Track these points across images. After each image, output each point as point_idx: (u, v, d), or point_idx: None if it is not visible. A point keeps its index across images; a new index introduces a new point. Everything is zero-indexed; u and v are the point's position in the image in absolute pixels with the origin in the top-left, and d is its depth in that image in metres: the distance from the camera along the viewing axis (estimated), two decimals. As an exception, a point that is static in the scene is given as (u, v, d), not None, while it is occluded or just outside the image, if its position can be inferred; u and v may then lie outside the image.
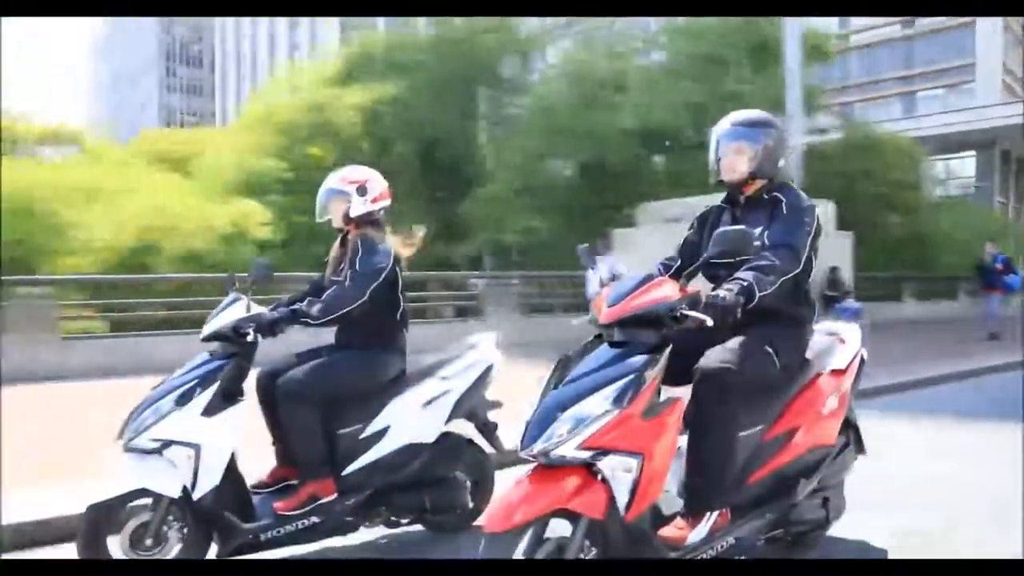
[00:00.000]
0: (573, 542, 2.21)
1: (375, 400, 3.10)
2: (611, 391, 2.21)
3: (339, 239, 3.35)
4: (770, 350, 2.57)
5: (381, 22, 36.66)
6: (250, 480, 3.05)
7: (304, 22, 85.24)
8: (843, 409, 2.88)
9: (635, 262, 6.48)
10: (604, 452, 2.18)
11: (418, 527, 3.37)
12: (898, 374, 7.78)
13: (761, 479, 2.63)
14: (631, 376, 2.23)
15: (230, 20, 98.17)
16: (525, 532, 2.16)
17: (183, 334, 8.46)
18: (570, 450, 2.16)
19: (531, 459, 2.25)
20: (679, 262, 2.88)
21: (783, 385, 2.69)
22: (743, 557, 2.59)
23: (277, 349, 3.20)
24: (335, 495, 2.99)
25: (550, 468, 2.22)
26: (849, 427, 3.01)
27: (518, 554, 2.16)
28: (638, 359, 2.28)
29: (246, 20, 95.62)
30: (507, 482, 2.38)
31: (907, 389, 7.48)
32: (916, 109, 41.61)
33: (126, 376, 6.78)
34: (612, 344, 2.36)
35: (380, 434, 3.08)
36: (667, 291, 2.35)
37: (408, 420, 3.11)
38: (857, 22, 42.72)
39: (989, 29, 39.43)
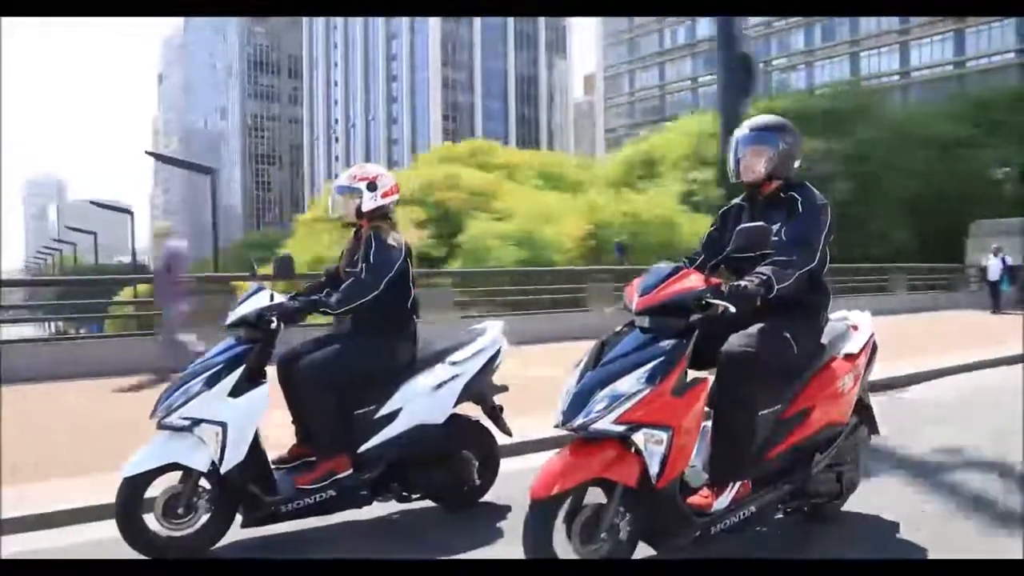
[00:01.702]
0: (609, 508, 2.43)
1: (388, 383, 3.27)
2: (644, 371, 2.41)
3: (352, 233, 3.53)
4: (788, 336, 2.76)
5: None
6: (271, 457, 3.24)
7: (403, 31, 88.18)
8: (856, 390, 3.05)
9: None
10: (638, 426, 2.39)
11: (428, 503, 3.53)
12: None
13: (780, 454, 2.81)
14: (662, 358, 2.44)
15: (317, 28, 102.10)
16: (565, 499, 2.39)
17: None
18: (607, 424, 2.38)
19: (571, 432, 2.47)
20: (703, 255, 3.07)
21: (800, 368, 2.86)
22: (763, 528, 2.81)
23: (293, 335, 3.49)
24: (351, 471, 3.18)
25: (588, 441, 2.44)
26: (863, 408, 3.20)
27: (559, 520, 2.39)
28: (668, 343, 2.48)
29: (334, 27, 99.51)
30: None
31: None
32: None
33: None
34: (643, 330, 2.55)
35: (393, 415, 3.24)
36: (693, 282, 2.55)
37: (419, 402, 3.27)
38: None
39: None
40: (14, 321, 12.69)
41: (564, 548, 2.41)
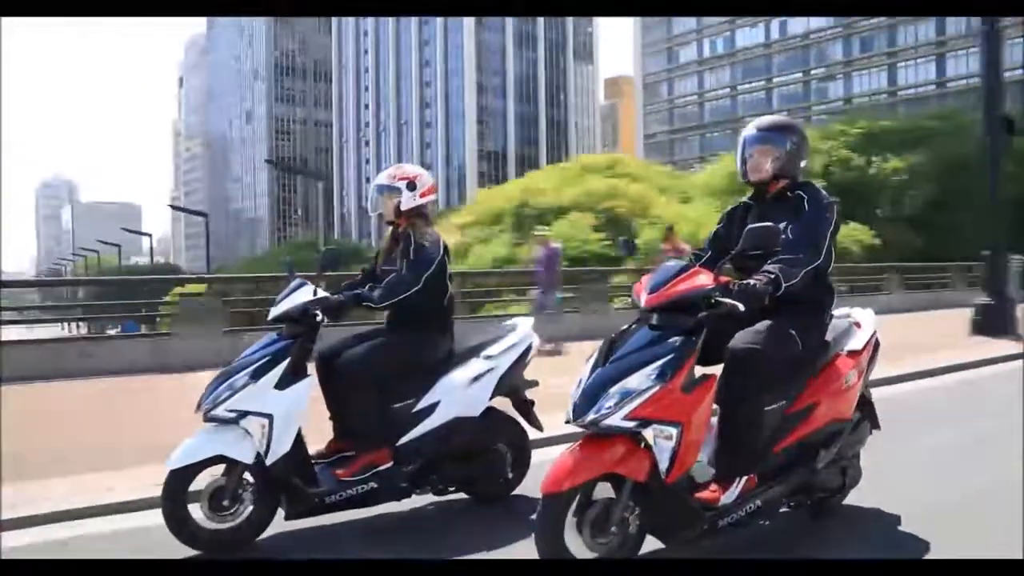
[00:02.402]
0: (619, 503, 2.46)
1: (426, 377, 3.33)
2: (654, 368, 2.43)
3: (390, 231, 3.61)
4: (793, 332, 2.76)
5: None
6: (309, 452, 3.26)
7: (436, 37, 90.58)
8: (859, 386, 3.06)
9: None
10: (648, 422, 2.42)
11: (461, 495, 3.58)
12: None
13: (785, 449, 2.81)
14: (672, 355, 2.46)
15: (347, 34, 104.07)
16: (576, 494, 2.42)
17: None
18: (618, 420, 2.40)
19: (582, 429, 2.49)
20: (709, 253, 3.08)
21: (805, 364, 2.86)
22: (767, 522, 2.83)
23: (327, 333, 3.43)
24: (390, 463, 3.23)
25: (598, 437, 2.47)
26: (865, 404, 3.20)
27: (570, 514, 2.42)
28: (678, 340, 2.50)
29: (364, 33, 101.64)
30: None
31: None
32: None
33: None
34: (652, 327, 2.57)
35: (431, 408, 3.29)
36: (703, 280, 2.59)
37: (456, 396, 3.32)
38: None
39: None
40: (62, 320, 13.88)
41: (575, 543, 2.45)
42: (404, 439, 3.26)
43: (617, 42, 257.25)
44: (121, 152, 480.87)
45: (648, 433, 2.46)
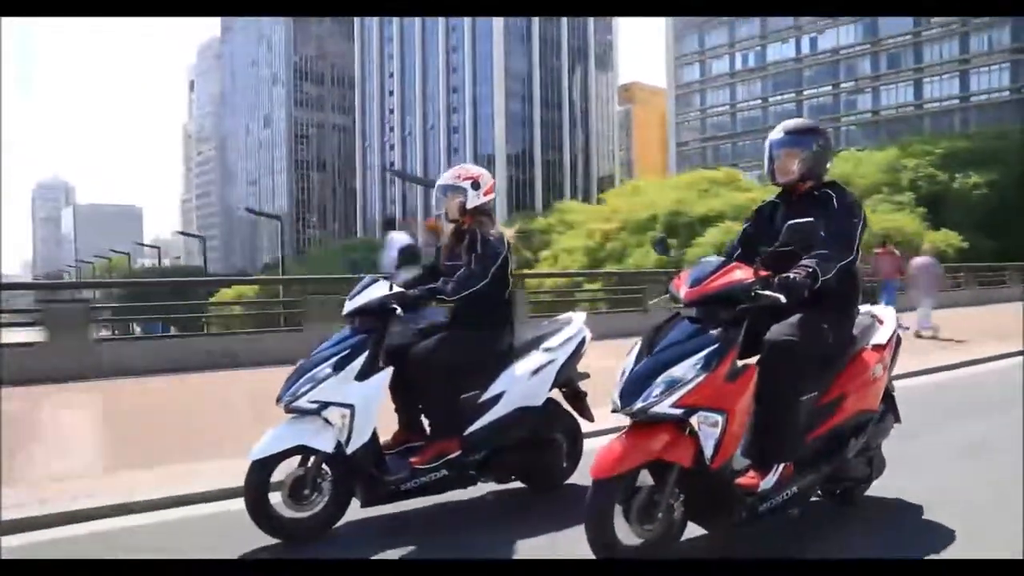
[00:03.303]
0: (664, 489, 2.59)
1: (491, 369, 3.48)
2: (700, 358, 2.58)
3: (453, 230, 3.72)
4: (825, 326, 2.90)
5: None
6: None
7: (464, 45, 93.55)
8: (885, 379, 3.22)
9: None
10: (694, 409, 2.56)
11: (518, 484, 3.72)
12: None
13: (818, 438, 2.96)
14: (716, 345, 2.60)
15: (372, 39, 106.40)
16: (625, 480, 2.55)
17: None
18: (665, 407, 2.54)
19: (630, 417, 2.62)
20: (739, 250, 3.23)
21: (835, 357, 3.01)
22: (796, 511, 2.91)
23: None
24: (459, 452, 3.37)
25: (643, 425, 2.61)
26: (888, 397, 3.33)
27: (619, 500, 2.57)
28: (721, 331, 2.65)
29: (388, 39, 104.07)
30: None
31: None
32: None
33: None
34: (692, 320, 2.72)
35: (496, 399, 3.45)
36: (742, 274, 2.73)
37: (519, 386, 3.47)
38: None
39: None
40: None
41: (622, 529, 2.56)
42: (471, 428, 3.39)
43: (629, 49, 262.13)
44: (121, 155, 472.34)
45: (694, 420, 2.55)
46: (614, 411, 2.65)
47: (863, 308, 3.30)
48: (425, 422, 3.56)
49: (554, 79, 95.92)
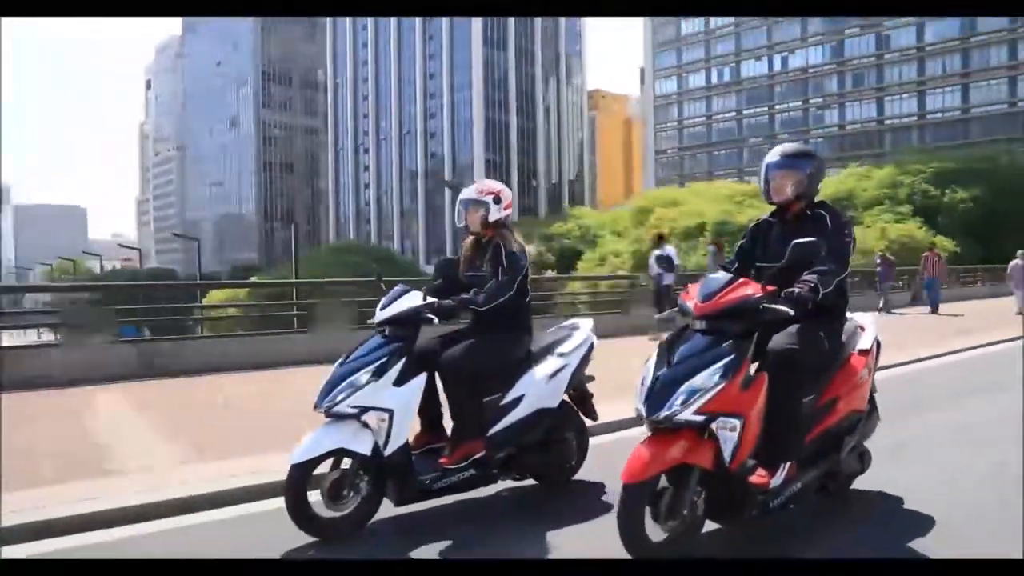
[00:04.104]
0: (687, 489, 2.78)
1: (512, 373, 3.64)
2: (717, 368, 2.76)
3: (472, 241, 3.89)
4: (821, 335, 3.14)
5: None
6: None
7: (443, 52, 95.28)
8: (871, 381, 3.47)
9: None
10: (714, 415, 2.75)
11: (530, 483, 3.90)
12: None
13: (816, 438, 3.17)
14: (732, 356, 2.79)
15: (344, 42, 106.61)
16: (653, 483, 2.74)
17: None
18: (689, 415, 2.72)
19: (656, 424, 2.79)
20: (736, 265, 3.43)
21: (829, 363, 3.23)
22: (792, 505, 3.05)
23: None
24: (483, 452, 3.52)
25: (665, 432, 2.79)
26: (871, 397, 3.54)
27: (648, 504, 2.74)
28: (735, 343, 2.83)
29: (363, 45, 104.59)
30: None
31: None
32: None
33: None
34: (704, 332, 2.89)
35: (516, 401, 3.60)
36: (751, 290, 2.93)
37: (538, 390, 3.65)
38: None
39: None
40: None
41: (649, 527, 2.73)
42: (494, 429, 3.55)
43: (595, 57, 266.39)
44: (69, 155, 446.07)
45: (714, 426, 2.76)
46: (639, 419, 2.85)
47: (848, 316, 3.49)
48: (447, 424, 3.73)
49: (528, 87, 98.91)
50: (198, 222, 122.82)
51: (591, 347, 3.92)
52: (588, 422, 4.04)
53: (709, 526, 3.03)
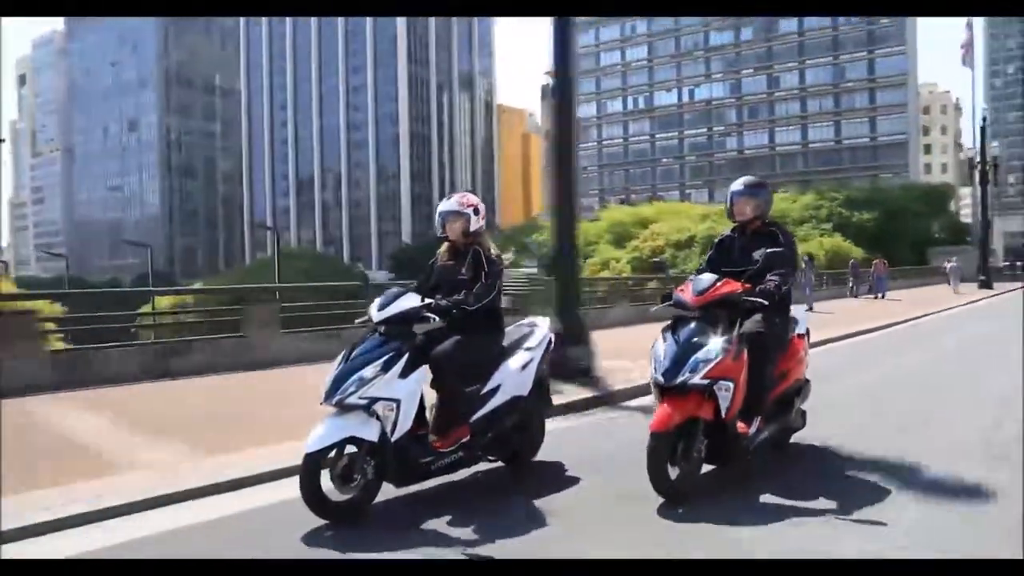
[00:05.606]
0: (696, 439, 3.64)
1: (489, 366, 4.08)
2: (719, 343, 3.67)
3: (448, 249, 4.24)
4: (778, 320, 4.10)
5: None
6: None
7: (368, 68, 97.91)
8: (807, 357, 4.55)
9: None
10: (716, 380, 3.62)
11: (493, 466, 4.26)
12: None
13: (775, 399, 4.15)
14: (728, 336, 3.73)
15: (260, 50, 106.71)
16: (675, 432, 3.56)
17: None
18: (698, 379, 3.60)
19: (668, 389, 3.65)
20: (706, 271, 4.27)
21: (782, 341, 4.20)
22: (757, 449, 3.99)
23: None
24: (469, 436, 3.92)
25: (677, 394, 3.63)
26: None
27: (669, 451, 3.55)
28: (725, 326, 3.78)
29: (280, 35, 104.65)
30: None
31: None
32: None
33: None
34: (699, 320, 3.79)
35: (494, 391, 4.05)
36: (735, 286, 3.93)
37: (513, 379, 4.12)
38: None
39: None
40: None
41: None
42: (476, 415, 3.96)
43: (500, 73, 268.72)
44: None
45: (716, 387, 3.62)
46: (657, 384, 3.71)
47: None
48: (429, 412, 4.00)
49: (448, 105, 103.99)
50: (83, 229, 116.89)
51: (551, 342, 4.40)
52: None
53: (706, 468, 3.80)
